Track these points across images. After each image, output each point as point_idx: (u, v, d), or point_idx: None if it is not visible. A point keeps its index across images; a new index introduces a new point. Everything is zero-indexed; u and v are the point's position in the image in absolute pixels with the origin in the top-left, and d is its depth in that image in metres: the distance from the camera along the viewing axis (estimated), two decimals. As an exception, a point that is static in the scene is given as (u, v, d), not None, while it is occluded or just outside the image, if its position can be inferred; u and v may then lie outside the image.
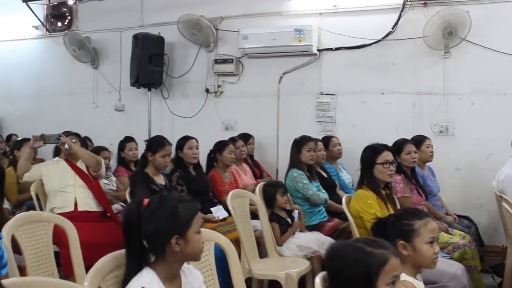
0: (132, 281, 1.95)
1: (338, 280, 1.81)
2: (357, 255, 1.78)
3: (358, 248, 1.81)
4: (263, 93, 6.58)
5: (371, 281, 1.76)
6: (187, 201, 2.02)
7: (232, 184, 5.11)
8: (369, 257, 1.77)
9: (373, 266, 1.76)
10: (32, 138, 4.54)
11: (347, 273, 1.77)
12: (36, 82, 8.09)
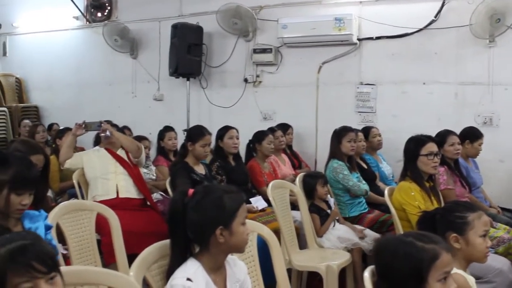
0: (177, 271, 1.95)
1: (388, 275, 1.76)
2: (407, 250, 1.74)
3: (408, 242, 1.76)
4: (302, 83, 6.52)
5: (421, 276, 1.71)
6: (232, 192, 2.00)
7: (271, 174, 5.09)
8: (419, 252, 1.73)
9: (424, 261, 1.71)
10: (75, 125, 4.60)
11: (397, 268, 1.73)
12: (76, 72, 8.20)
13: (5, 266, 1.46)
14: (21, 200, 2.32)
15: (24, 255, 1.49)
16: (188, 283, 1.88)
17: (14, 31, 8.89)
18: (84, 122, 4.62)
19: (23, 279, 1.47)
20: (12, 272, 1.46)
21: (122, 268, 3.08)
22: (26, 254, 1.49)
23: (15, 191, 2.30)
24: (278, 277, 2.61)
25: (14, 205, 2.31)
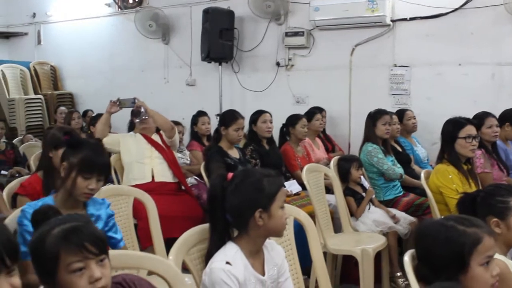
0: (216, 255, 1.96)
1: (429, 259, 1.75)
2: (449, 234, 1.72)
3: (450, 226, 1.74)
4: (334, 66, 6.46)
5: (463, 261, 1.69)
6: (271, 176, 2.00)
7: (305, 158, 5.08)
8: (461, 236, 1.71)
9: (466, 245, 1.69)
10: (110, 103, 4.66)
11: (439, 252, 1.71)
12: (109, 59, 8.28)
13: (58, 245, 1.50)
14: (87, 184, 2.37)
15: (77, 236, 1.53)
16: (227, 267, 1.90)
17: (48, 19, 9.01)
18: (118, 99, 4.66)
19: (76, 258, 1.51)
20: (65, 251, 1.51)
21: (159, 252, 3.13)
22: (79, 234, 1.54)
23: (82, 174, 2.35)
24: (315, 261, 2.61)
25: (81, 189, 2.37)
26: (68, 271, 1.51)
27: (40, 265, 1.53)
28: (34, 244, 1.57)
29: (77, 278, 1.51)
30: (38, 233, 1.58)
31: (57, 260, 1.50)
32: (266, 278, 2.02)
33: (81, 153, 2.40)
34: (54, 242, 1.52)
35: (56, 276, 1.51)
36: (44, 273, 1.53)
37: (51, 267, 1.50)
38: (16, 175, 5.21)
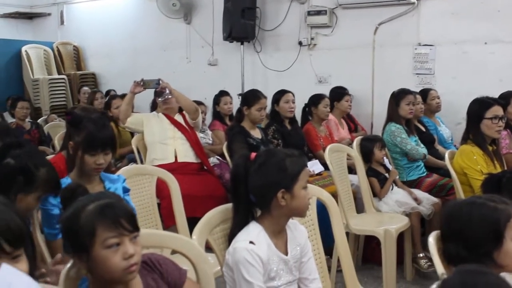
0: (239, 235, 1.97)
1: (462, 239, 1.73)
2: (482, 211, 1.71)
3: (481, 204, 1.73)
4: (357, 45, 6.39)
5: (499, 236, 1.68)
6: (294, 156, 1.99)
7: (327, 138, 5.06)
8: (495, 212, 1.71)
9: (500, 220, 1.69)
10: (133, 83, 4.66)
11: (474, 231, 1.70)
12: (131, 38, 8.28)
13: (95, 220, 1.53)
14: (95, 160, 2.41)
15: (113, 211, 1.56)
16: (250, 246, 1.90)
17: (71, 0, 9.03)
18: (142, 80, 4.66)
19: (112, 234, 1.54)
20: (102, 227, 1.53)
21: (182, 231, 3.15)
22: (115, 210, 1.56)
23: (87, 152, 2.38)
24: (337, 241, 2.60)
25: (89, 165, 2.41)
26: (104, 246, 1.53)
27: (75, 240, 1.56)
28: (68, 220, 1.59)
29: (112, 253, 1.54)
30: (72, 209, 1.60)
31: (93, 235, 1.53)
32: (289, 258, 2.02)
33: (83, 131, 2.44)
34: (90, 217, 1.54)
35: (91, 251, 1.54)
36: (78, 248, 1.56)
37: (86, 242, 1.53)
38: (41, 154, 5.28)
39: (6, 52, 8.47)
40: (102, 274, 1.56)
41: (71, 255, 1.60)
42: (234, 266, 1.91)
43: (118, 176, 2.61)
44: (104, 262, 1.54)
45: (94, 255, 1.54)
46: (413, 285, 3.97)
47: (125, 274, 1.56)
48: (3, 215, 1.25)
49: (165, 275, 1.74)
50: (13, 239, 1.22)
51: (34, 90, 8.42)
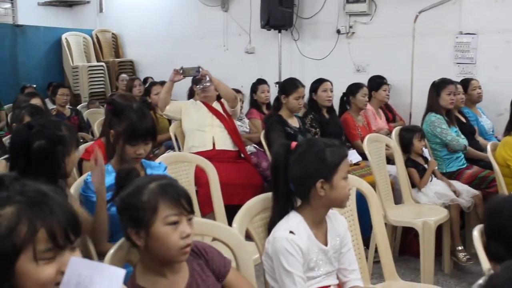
0: (279, 224, 1.97)
1: (501, 238, 1.68)
2: None
3: None
4: (397, 34, 6.28)
5: None
6: (335, 146, 1.98)
7: (365, 127, 5.00)
8: None
9: None
10: (173, 71, 4.66)
11: None
12: (169, 26, 8.33)
13: (158, 197, 1.59)
14: (135, 150, 2.43)
15: (175, 191, 1.62)
16: (290, 236, 1.90)
17: (110, -12, 9.15)
18: (181, 68, 4.65)
19: (172, 211, 1.59)
20: (164, 203, 1.59)
21: (220, 219, 3.17)
22: (176, 190, 1.63)
23: (128, 142, 2.40)
24: (376, 232, 2.59)
25: (129, 155, 2.44)
26: (165, 223, 1.59)
27: (135, 215, 1.60)
28: (130, 196, 1.64)
29: (172, 230, 1.59)
30: (133, 186, 1.66)
31: (155, 211, 1.58)
32: (329, 248, 2.01)
33: (125, 121, 2.45)
34: (153, 194, 1.60)
35: (151, 227, 1.58)
36: (138, 224, 1.60)
37: (148, 217, 1.58)
38: (81, 140, 5.37)
39: (47, 39, 8.63)
40: (159, 251, 1.61)
41: (128, 231, 1.63)
42: (274, 255, 1.91)
43: (159, 164, 2.63)
44: (163, 238, 1.59)
45: (154, 231, 1.59)
46: (451, 278, 3.91)
47: (180, 253, 1.61)
48: (66, 205, 1.26)
49: (210, 262, 1.77)
50: (76, 228, 1.25)
51: (74, 77, 8.56)
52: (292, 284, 1.87)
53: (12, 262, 1.15)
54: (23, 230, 1.16)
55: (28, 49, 8.38)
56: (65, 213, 1.22)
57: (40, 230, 1.17)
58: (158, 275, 1.65)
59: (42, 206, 1.20)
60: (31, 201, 1.20)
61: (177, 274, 1.69)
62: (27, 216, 1.17)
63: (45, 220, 1.18)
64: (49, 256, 1.18)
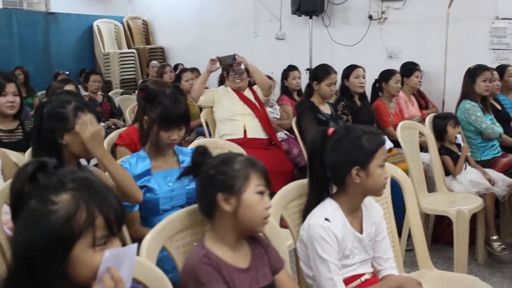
0: (314, 211, 1.96)
1: None
2: None
3: None
4: (430, 19, 6.18)
5: None
6: (372, 133, 1.95)
7: (397, 114, 4.94)
8: None
9: None
10: (209, 61, 4.66)
11: None
12: (199, 13, 8.34)
13: (249, 167, 1.70)
14: (169, 136, 2.43)
15: (260, 165, 1.74)
16: (326, 223, 1.88)
17: (140, -26, 9.18)
18: (218, 57, 4.65)
19: (259, 182, 1.70)
20: (254, 174, 1.70)
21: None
22: (261, 165, 1.75)
23: (162, 128, 2.41)
24: (411, 220, 2.56)
25: (163, 140, 2.44)
26: (255, 191, 1.68)
27: (227, 182, 1.67)
28: (222, 164, 1.71)
29: (260, 200, 1.69)
30: (223, 157, 1.77)
31: (248, 179, 1.68)
32: (364, 236, 1.99)
33: (158, 107, 2.44)
34: (245, 164, 1.70)
35: (243, 194, 1.67)
36: (229, 190, 1.67)
37: (240, 185, 1.67)
38: (113, 126, 5.42)
39: (79, 27, 8.72)
40: (246, 217, 1.68)
41: (218, 197, 1.68)
42: (309, 242, 1.90)
43: (191, 149, 2.63)
44: (252, 206, 1.68)
45: (245, 198, 1.67)
46: (485, 268, 3.86)
47: (262, 222, 1.71)
48: (113, 192, 1.27)
49: (269, 254, 1.80)
50: (124, 215, 1.28)
51: (105, 64, 8.64)
52: (327, 271, 1.86)
53: (69, 248, 1.16)
54: (82, 217, 1.17)
55: (60, 37, 8.48)
56: (116, 200, 1.24)
57: (98, 217, 1.19)
58: (227, 246, 1.71)
59: (97, 192, 1.21)
60: (85, 188, 1.21)
61: (243, 251, 1.75)
62: (85, 203, 1.18)
63: (102, 207, 1.20)
64: (104, 242, 1.20)
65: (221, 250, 1.69)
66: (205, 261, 1.63)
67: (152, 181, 2.43)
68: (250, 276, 1.71)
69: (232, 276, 1.64)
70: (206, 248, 1.68)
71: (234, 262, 1.69)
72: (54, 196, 1.18)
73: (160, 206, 2.42)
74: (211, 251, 1.67)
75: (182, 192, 2.47)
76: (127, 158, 2.49)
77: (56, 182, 1.20)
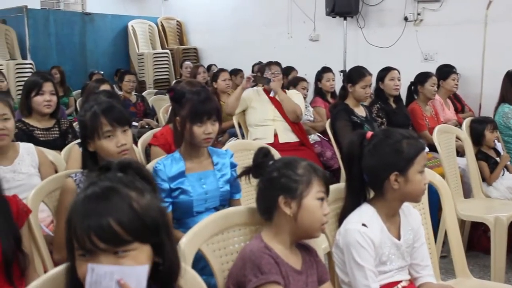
0: (351, 216, 1.93)
1: None
2: None
3: None
4: (468, 21, 6.07)
5: None
6: (412, 138, 1.91)
7: (433, 118, 4.86)
8: None
9: None
10: (246, 79, 4.71)
11: None
12: (232, 14, 8.36)
13: (312, 173, 1.73)
14: (204, 130, 2.42)
15: (322, 172, 1.77)
16: (363, 228, 1.85)
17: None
18: (255, 76, 4.69)
19: (322, 189, 1.74)
20: (316, 180, 1.73)
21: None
22: (323, 172, 1.77)
23: (195, 122, 2.40)
24: (448, 227, 2.51)
25: (199, 136, 2.42)
26: (316, 197, 1.71)
27: (290, 186, 1.70)
28: (285, 167, 1.73)
29: (319, 205, 1.72)
30: (283, 161, 1.78)
31: (310, 184, 1.70)
32: (402, 243, 1.95)
33: (187, 104, 2.44)
34: (307, 170, 1.73)
35: (304, 199, 1.69)
36: (291, 194, 1.70)
37: (302, 189, 1.69)
38: (146, 126, 5.46)
39: (114, 27, 8.83)
40: (305, 222, 1.70)
41: (279, 199, 1.70)
42: (345, 248, 1.87)
43: (226, 151, 2.63)
44: (312, 211, 1.70)
45: (306, 203, 1.69)
46: (523, 277, 3.76)
47: (320, 228, 1.74)
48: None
49: (317, 264, 1.82)
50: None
51: (139, 64, 8.72)
52: (364, 278, 1.83)
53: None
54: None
55: (96, 37, 8.60)
56: (112, 217, 1.21)
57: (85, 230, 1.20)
58: (283, 246, 1.73)
59: (94, 206, 1.22)
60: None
61: (296, 254, 1.77)
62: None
63: (86, 224, 1.21)
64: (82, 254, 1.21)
65: (278, 248, 1.71)
66: (266, 252, 1.66)
67: (186, 183, 2.42)
68: (302, 279, 1.72)
69: (288, 274, 1.67)
70: (265, 242, 1.70)
71: (290, 262, 1.71)
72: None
73: (194, 208, 2.42)
74: (270, 246, 1.69)
75: (216, 194, 2.46)
76: (162, 160, 2.48)
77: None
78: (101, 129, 2.20)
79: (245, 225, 1.87)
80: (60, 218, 2.18)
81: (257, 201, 1.81)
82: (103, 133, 2.21)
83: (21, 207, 1.99)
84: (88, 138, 2.23)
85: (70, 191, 2.17)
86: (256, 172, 1.80)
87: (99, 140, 2.21)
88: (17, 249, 1.88)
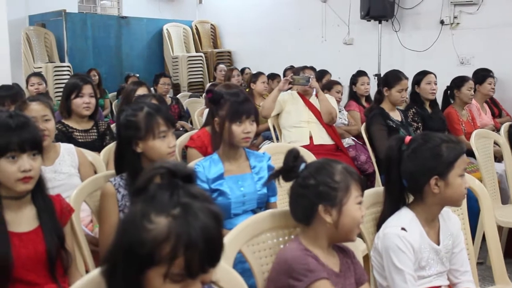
0: (390, 220, 1.93)
1: None
2: None
3: None
4: (506, 24, 6.00)
5: None
6: (452, 142, 1.90)
7: (469, 123, 4.79)
8: None
9: None
10: (283, 80, 4.69)
11: None
12: (266, 17, 8.39)
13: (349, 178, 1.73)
14: (243, 129, 2.44)
15: (357, 175, 1.78)
16: (402, 233, 1.85)
17: (208, -21, 9.32)
18: (292, 77, 4.63)
19: (359, 193, 1.74)
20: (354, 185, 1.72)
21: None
22: (358, 174, 1.79)
23: (234, 121, 2.43)
24: (488, 233, 2.46)
25: (238, 135, 2.44)
26: (355, 202, 1.70)
27: (329, 194, 1.69)
28: (321, 175, 1.71)
29: (359, 209, 1.71)
30: (318, 164, 1.78)
31: (348, 190, 1.69)
32: (441, 248, 1.94)
33: (226, 104, 2.46)
34: (344, 175, 1.71)
35: (344, 205, 1.68)
36: (331, 201, 1.68)
37: (342, 196, 1.69)
38: (181, 129, 5.51)
39: (150, 30, 8.95)
40: (346, 227, 1.69)
41: (319, 208, 1.69)
42: (384, 252, 1.87)
43: (263, 154, 2.64)
44: (353, 216, 1.69)
45: (347, 209, 1.68)
46: (562, 285, 3.68)
47: (355, 233, 1.73)
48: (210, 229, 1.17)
49: (355, 266, 1.81)
50: (215, 259, 1.19)
51: (174, 67, 8.81)
52: (403, 282, 1.82)
53: (143, 268, 1.14)
54: (165, 250, 1.11)
55: (131, 40, 8.73)
56: (208, 241, 1.15)
57: (179, 258, 1.12)
58: (320, 249, 1.72)
59: (190, 231, 1.13)
60: (184, 220, 1.13)
61: (334, 257, 1.76)
62: (175, 238, 1.12)
63: (188, 249, 1.12)
64: (178, 279, 1.14)
65: (317, 251, 1.71)
66: (309, 254, 1.67)
67: (225, 185, 2.44)
68: (341, 281, 1.72)
69: (328, 275, 1.66)
70: (304, 245, 1.71)
71: (329, 265, 1.71)
72: (154, 215, 1.13)
73: (231, 211, 2.43)
74: (310, 249, 1.70)
75: (253, 197, 2.47)
76: (201, 162, 2.51)
77: (165, 199, 1.16)
78: (157, 128, 2.19)
79: (283, 227, 1.88)
80: (104, 222, 2.21)
81: (291, 206, 1.78)
82: (159, 133, 2.20)
83: (65, 206, 2.03)
84: (138, 138, 2.19)
85: (110, 195, 2.20)
86: (287, 176, 1.77)
87: (153, 140, 2.19)
88: (60, 247, 1.93)
